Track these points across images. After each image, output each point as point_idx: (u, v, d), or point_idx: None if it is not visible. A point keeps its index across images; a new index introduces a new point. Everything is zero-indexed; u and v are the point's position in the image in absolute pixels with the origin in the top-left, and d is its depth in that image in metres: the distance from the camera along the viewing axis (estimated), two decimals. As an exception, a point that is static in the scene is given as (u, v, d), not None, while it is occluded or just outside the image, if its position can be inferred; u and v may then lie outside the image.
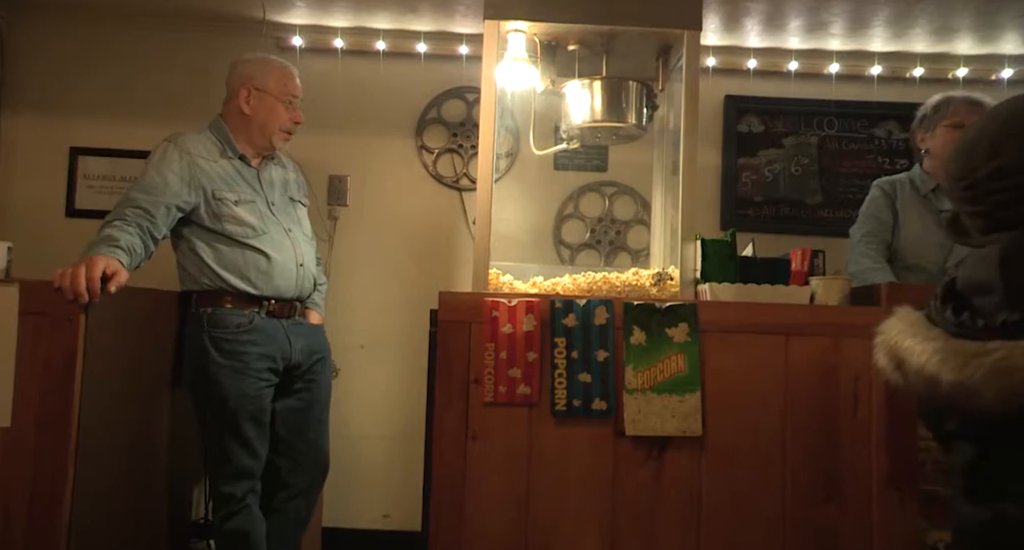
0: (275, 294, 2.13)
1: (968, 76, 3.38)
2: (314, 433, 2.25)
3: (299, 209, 2.33)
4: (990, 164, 1.01)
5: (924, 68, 3.40)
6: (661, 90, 2.06)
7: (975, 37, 3.21)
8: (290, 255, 2.17)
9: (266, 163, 2.25)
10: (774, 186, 3.54)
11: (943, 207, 2.47)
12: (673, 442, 1.65)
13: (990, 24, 3.07)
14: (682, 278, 1.84)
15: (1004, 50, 3.34)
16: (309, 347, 2.22)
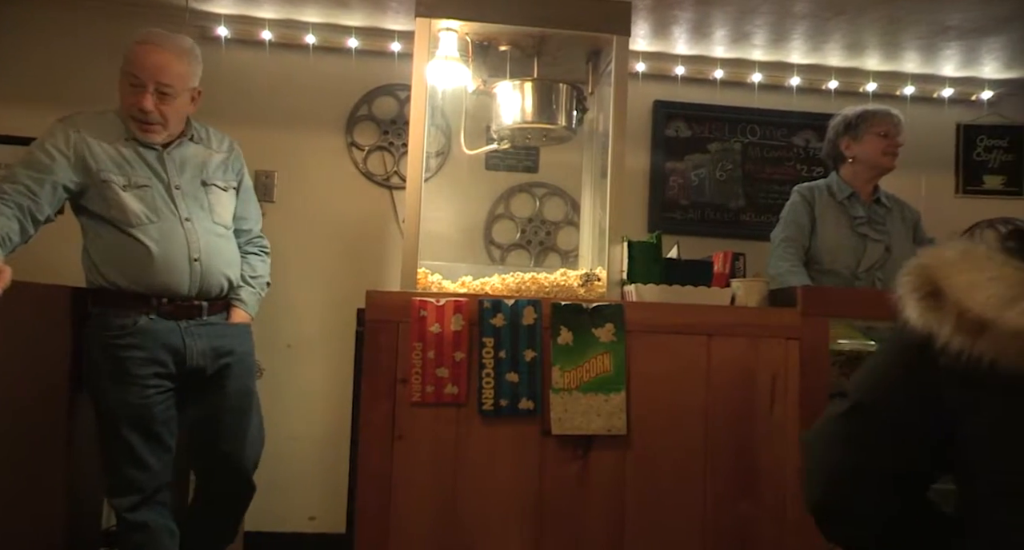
0: (165, 292, 1.92)
1: (876, 91, 3.56)
2: (227, 444, 2.03)
3: (214, 194, 2.03)
4: None
5: (838, 81, 3.56)
6: (591, 93, 2.09)
7: (882, 55, 3.38)
8: (180, 247, 1.92)
9: (180, 142, 2.02)
10: (700, 190, 3.64)
11: (857, 214, 2.60)
12: (598, 441, 1.68)
13: (894, 44, 3.24)
14: (609, 279, 1.87)
15: (906, 69, 3.53)
16: (214, 350, 1.99)
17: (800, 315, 1.74)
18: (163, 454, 1.94)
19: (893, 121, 2.59)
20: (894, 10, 2.88)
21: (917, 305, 0.84)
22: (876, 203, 2.64)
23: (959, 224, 3.73)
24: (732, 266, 1.95)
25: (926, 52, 3.34)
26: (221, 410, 2.03)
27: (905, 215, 2.67)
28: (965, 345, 0.77)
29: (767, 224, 2.89)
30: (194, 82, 2.01)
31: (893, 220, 2.62)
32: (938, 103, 3.67)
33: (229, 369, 2.03)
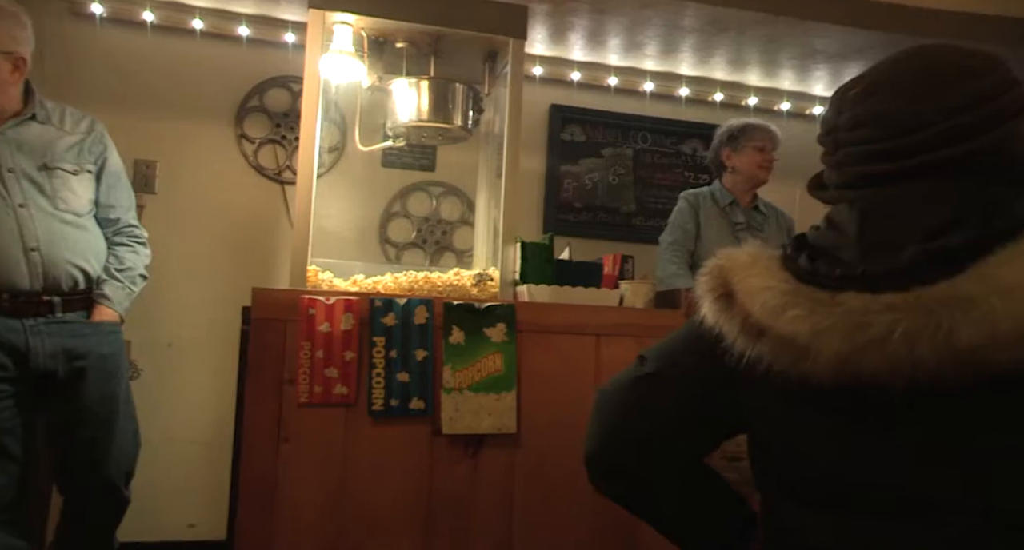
0: (1, 286, 1.75)
1: (757, 105, 3.77)
2: (87, 455, 1.87)
3: (59, 178, 1.86)
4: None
5: (723, 94, 3.75)
6: (488, 94, 2.10)
7: (762, 71, 3.59)
8: (11, 237, 1.75)
9: (20, 122, 1.84)
10: (593, 193, 3.74)
11: (737, 220, 2.75)
12: (488, 440, 1.69)
13: (772, 61, 3.45)
14: (502, 279, 1.89)
15: (783, 86, 3.77)
16: (67, 351, 1.82)
17: (684, 316, 1.82)
18: (8, 466, 1.76)
19: (770, 136, 2.75)
20: (772, 30, 3.06)
21: (711, 305, 0.88)
22: (755, 210, 2.79)
23: (828, 232, 4.02)
24: (621, 268, 2.01)
25: (800, 71, 3.57)
26: (78, 419, 1.86)
27: (781, 222, 2.84)
28: (747, 348, 0.81)
29: (656, 228, 3.01)
30: (12, 46, 1.80)
31: (770, 227, 2.79)
32: (810, 119, 3.94)
33: (84, 373, 1.85)
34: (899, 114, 0.85)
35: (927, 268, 0.75)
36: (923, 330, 0.72)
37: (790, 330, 0.79)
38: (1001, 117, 0.82)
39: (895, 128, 0.85)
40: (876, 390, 0.75)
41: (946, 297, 0.72)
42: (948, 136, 0.82)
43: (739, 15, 2.71)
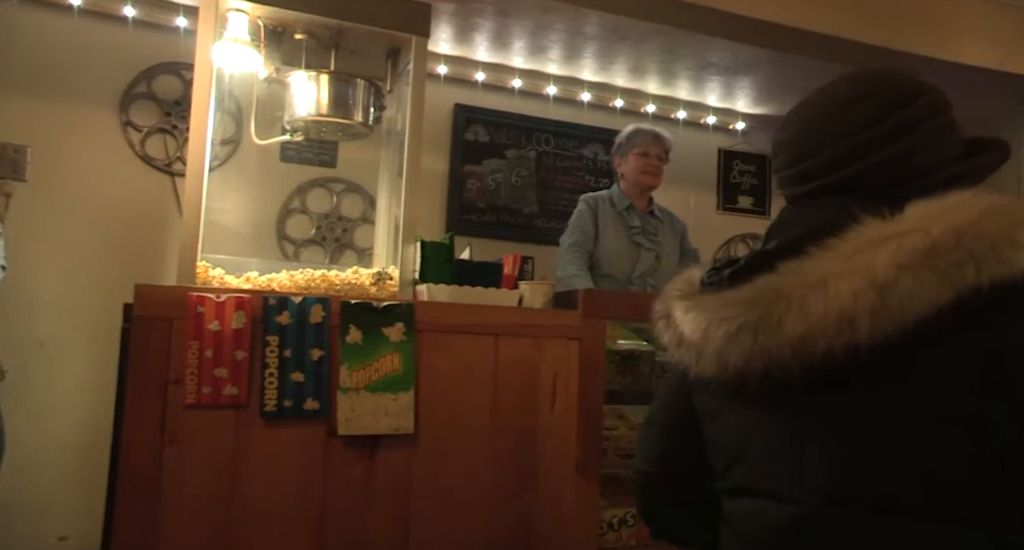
0: None
1: (655, 113, 3.91)
2: None
3: None
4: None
5: (623, 100, 3.86)
6: (390, 91, 2.08)
7: (660, 80, 3.73)
8: None
9: None
10: (496, 194, 3.77)
11: (633, 224, 2.83)
12: (385, 440, 1.67)
13: (669, 71, 3.58)
14: (402, 278, 1.87)
15: (679, 95, 3.93)
16: None
17: (581, 316, 1.86)
18: None
19: (652, 141, 2.82)
20: (669, 41, 3.18)
21: (659, 327, 0.95)
22: (650, 215, 2.89)
23: (719, 237, 4.21)
24: (521, 268, 2.03)
25: (695, 82, 3.73)
26: None
27: (675, 227, 2.96)
28: (690, 363, 0.88)
29: (558, 229, 3.06)
30: None
31: (664, 231, 2.89)
32: (704, 129, 4.11)
33: None
34: (800, 141, 0.93)
35: (751, 269, 0.83)
36: (761, 322, 0.79)
37: (688, 332, 0.87)
38: (885, 139, 0.88)
39: (798, 155, 0.93)
40: (741, 380, 0.82)
41: (767, 292, 0.80)
42: (836, 160, 0.89)
43: (639, 25, 2.80)
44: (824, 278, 0.78)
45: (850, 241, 0.79)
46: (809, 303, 0.77)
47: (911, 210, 0.79)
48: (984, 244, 0.74)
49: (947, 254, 0.74)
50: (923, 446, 0.75)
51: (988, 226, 0.74)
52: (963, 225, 0.75)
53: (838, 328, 0.75)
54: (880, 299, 0.74)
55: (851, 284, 0.76)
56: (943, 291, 0.73)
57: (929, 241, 0.75)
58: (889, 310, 0.74)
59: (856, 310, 0.75)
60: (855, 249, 0.78)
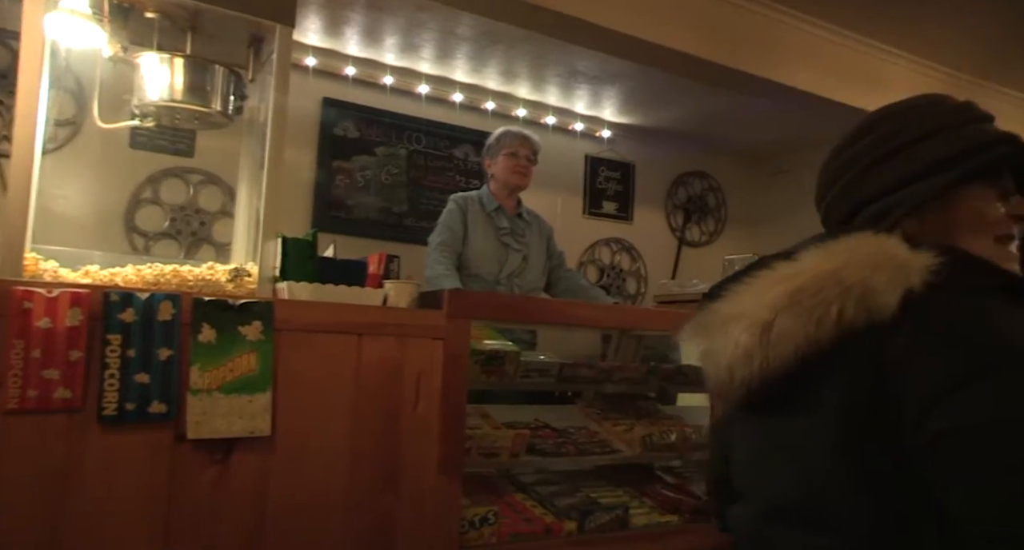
0: None
1: (526, 116, 3.99)
2: None
3: None
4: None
5: (495, 103, 3.91)
6: (252, 80, 1.99)
7: (530, 85, 3.82)
8: None
9: None
10: (365, 191, 3.70)
11: (502, 225, 2.88)
12: (240, 443, 1.60)
13: (540, 77, 3.68)
14: (261, 275, 1.80)
15: (549, 101, 4.04)
16: None
17: (446, 316, 1.86)
18: None
19: (521, 142, 2.89)
20: (540, 48, 3.26)
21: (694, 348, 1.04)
22: (518, 217, 2.95)
23: (585, 241, 4.36)
24: (387, 267, 2.01)
25: (564, 89, 3.84)
26: None
27: (542, 229, 3.03)
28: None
29: (428, 229, 3.06)
30: None
31: (532, 233, 2.96)
32: (572, 135, 4.25)
33: None
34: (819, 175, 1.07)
35: (712, 294, 0.96)
36: (721, 340, 0.90)
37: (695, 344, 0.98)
38: (840, 171, 0.99)
39: (816, 187, 1.07)
40: (720, 392, 0.92)
41: (715, 318, 0.92)
42: (817, 193, 1.04)
43: (510, 30, 2.85)
44: (737, 314, 0.88)
45: (763, 279, 0.89)
46: (727, 335, 0.88)
47: (805, 254, 0.89)
48: (840, 289, 0.82)
49: (810, 298, 0.83)
50: (810, 465, 0.85)
51: (849, 274, 0.83)
52: (826, 272, 0.84)
53: (743, 360, 0.86)
54: (764, 336, 0.84)
55: (749, 321, 0.86)
56: (812, 329, 0.82)
57: (795, 286, 0.85)
58: (773, 345, 0.84)
59: (750, 344, 0.85)
60: (764, 288, 0.88)
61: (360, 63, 3.55)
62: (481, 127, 3.79)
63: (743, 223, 4.96)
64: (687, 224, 4.76)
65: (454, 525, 1.84)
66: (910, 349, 0.79)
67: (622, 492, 2.30)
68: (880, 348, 0.80)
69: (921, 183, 0.92)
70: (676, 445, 2.35)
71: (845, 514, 0.81)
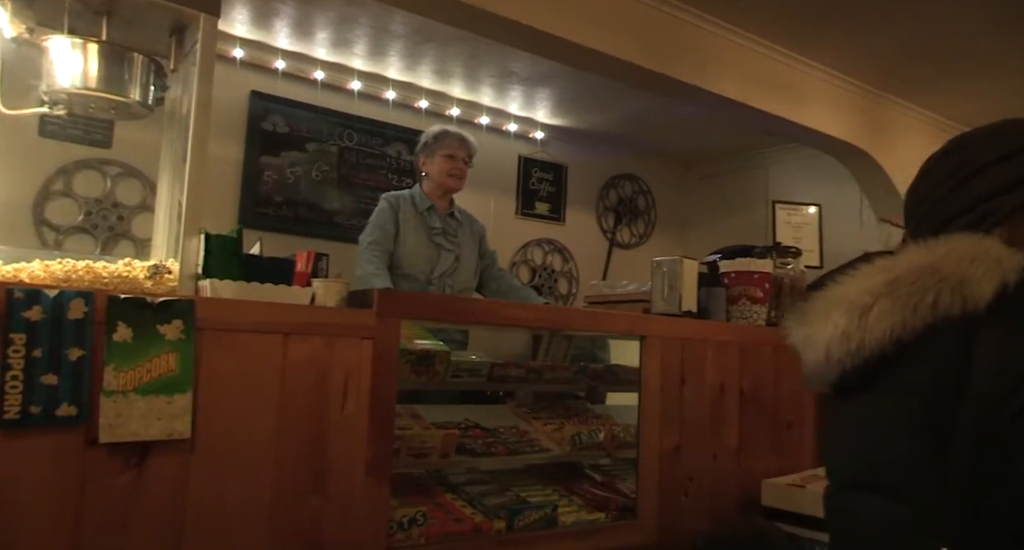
0: None
1: (460, 116, 3.98)
2: None
3: None
4: None
5: (428, 102, 3.89)
6: (174, 70, 1.92)
7: (464, 85, 3.81)
8: None
9: None
10: (295, 188, 3.62)
11: (434, 225, 2.86)
12: (157, 446, 1.54)
13: (474, 77, 3.68)
14: (182, 272, 1.73)
15: (483, 101, 4.04)
16: None
17: (375, 316, 1.84)
18: None
19: (459, 144, 2.88)
20: (473, 48, 3.26)
21: None
22: (451, 217, 2.94)
23: (518, 241, 4.38)
24: (315, 266, 1.97)
25: (498, 90, 3.85)
26: None
27: (474, 229, 3.03)
28: None
29: (359, 227, 3.01)
30: None
31: (464, 233, 2.95)
32: (506, 135, 4.26)
33: None
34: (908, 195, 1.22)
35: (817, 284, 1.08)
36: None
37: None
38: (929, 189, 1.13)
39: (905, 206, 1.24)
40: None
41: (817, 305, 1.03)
42: (907, 211, 1.20)
43: (444, 29, 2.84)
44: (838, 300, 0.98)
45: (863, 271, 1.00)
46: (828, 319, 0.98)
47: (904, 251, 1.00)
48: (937, 278, 0.93)
49: (907, 286, 0.94)
50: (894, 439, 0.95)
51: (946, 265, 0.94)
52: (924, 264, 0.95)
53: (840, 341, 0.96)
54: (863, 319, 0.94)
55: (848, 306, 0.96)
56: (909, 314, 0.92)
57: (893, 275, 0.95)
58: (870, 328, 0.93)
59: (848, 326, 0.95)
60: (864, 277, 0.98)
61: (290, 57, 3.47)
62: (414, 125, 3.76)
63: (672, 225, 5.07)
64: (618, 226, 4.84)
65: (382, 527, 1.82)
66: (1003, 336, 0.90)
67: (551, 491, 2.32)
68: (972, 334, 0.91)
69: (1005, 197, 1.05)
70: (604, 443, 2.38)
71: (923, 484, 0.92)
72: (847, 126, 3.44)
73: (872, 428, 0.99)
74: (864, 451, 1.00)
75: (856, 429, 1.02)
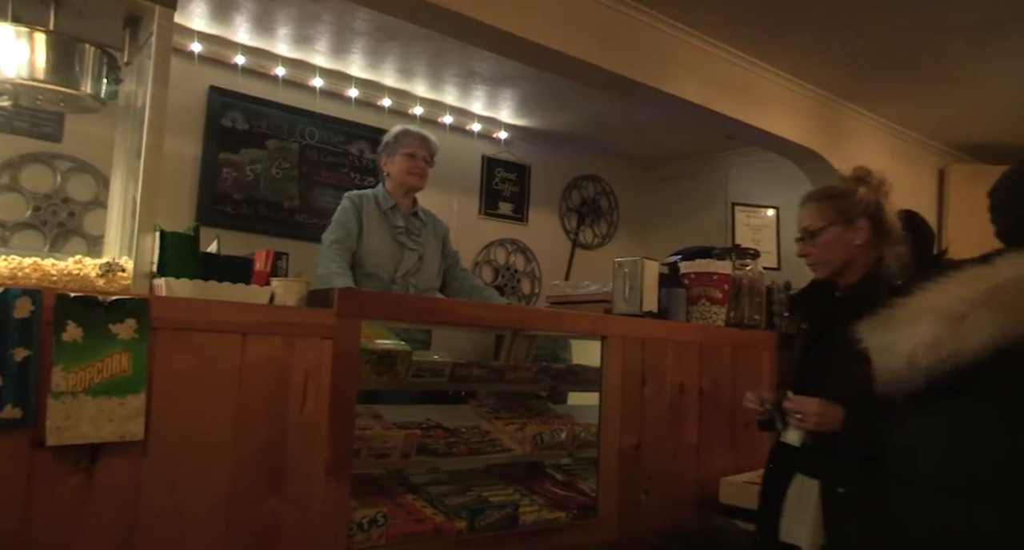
0: None
1: (423, 115, 3.96)
2: None
3: None
4: None
5: (391, 100, 3.86)
6: (128, 63, 1.87)
7: (428, 84, 3.79)
8: None
9: None
10: (255, 186, 3.56)
11: (397, 224, 2.84)
12: (108, 449, 1.50)
13: (437, 76, 3.66)
14: (136, 271, 1.69)
15: (447, 100, 4.02)
16: None
17: (336, 315, 1.82)
18: None
19: (420, 143, 2.86)
20: (437, 47, 3.24)
21: None
22: (414, 216, 2.92)
23: (481, 241, 4.37)
24: (274, 265, 1.94)
25: (462, 89, 3.84)
26: None
27: (437, 229, 3.01)
28: None
29: (320, 226, 2.98)
30: None
31: (427, 233, 2.94)
32: (469, 135, 4.25)
33: None
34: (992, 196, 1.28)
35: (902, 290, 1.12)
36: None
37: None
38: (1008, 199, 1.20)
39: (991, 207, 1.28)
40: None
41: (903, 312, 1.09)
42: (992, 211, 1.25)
43: (407, 27, 2.82)
44: (928, 308, 0.99)
45: (955, 279, 1.01)
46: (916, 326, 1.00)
47: (1001, 260, 1.01)
48: None
49: (1009, 296, 0.95)
50: (985, 443, 0.97)
51: None
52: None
53: (930, 349, 0.97)
54: (956, 328, 0.96)
55: (940, 315, 0.98)
56: (1010, 323, 0.94)
57: (994, 285, 0.96)
58: (966, 337, 0.95)
59: (940, 335, 0.97)
60: (957, 286, 0.99)
61: (250, 52, 3.42)
62: (377, 124, 3.73)
63: (634, 226, 5.12)
64: (580, 226, 4.86)
65: (342, 528, 1.80)
66: None
67: (512, 490, 2.33)
68: None
69: None
70: (566, 443, 2.40)
71: (1015, 485, 0.95)
72: (803, 130, 3.52)
73: (971, 432, 1.00)
74: (963, 454, 1.01)
75: (953, 434, 1.03)
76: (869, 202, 1.75)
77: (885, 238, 1.76)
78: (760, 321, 2.79)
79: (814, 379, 1.72)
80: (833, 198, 1.79)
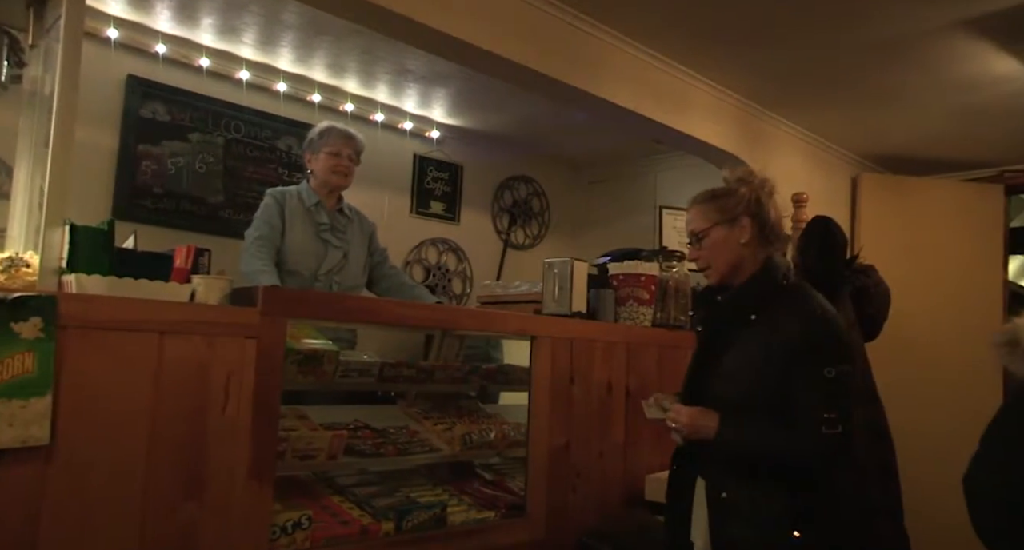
0: None
1: (354, 112, 3.90)
2: None
3: None
4: None
5: (322, 96, 3.78)
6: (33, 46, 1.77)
7: (359, 80, 3.73)
8: None
9: None
10: (176, 180, 3.44)
11: (321, 221, 2.78)
12: (9, 455, 1.42)
13: (369, 73, 3.62)
14: (43, 266, 1.61)
15: (379, 97, 3.98)
16: None
17: (260, 314, 1.78)
18: None
19: (344, 142, 2.80)
20: (369, 43, 3.20)
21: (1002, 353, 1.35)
22: (339, 213, 2.87)
23: (412, 240, 4.34)
24: (195, 261, 1.87)
25: (394, 87, 3.80)
26: None
27: (364, 226, 2.97)
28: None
29: (245, 222, 2.88)
30: None
31: (353, 230, 2.89)
32: (401, 133, 4.21)
33: None
34: None
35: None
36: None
37: None
38: None
39: None
40: None
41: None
42: None
43: (338, 22, 2.77)
44: None
45: None
46: None
47: None
48: None
49: None
50: None
51: None
52: None
53: None
54: None
55: None
56: None
57: None
58: None
59: None
60: None
61: (172, 41, 3.29)
62: (307, 119, 3.64)
63: (565, 228, 5.17)
64: (512, 227, 4.88)
65: (263, 532, 1.76)
66: None
67: (441, 490, 2.32)
68: None
69: None
70: (495, 443, 2.40)
71: None
72: (727, 137, 3.63)
73: None
74: None
75: None
76: (750, 200, 1.77)
77: (770, 237, 1.77)
78: (685, 322, 2.87)
79: (703, 383, 1.75)
80: (715, 199, 1.80)
